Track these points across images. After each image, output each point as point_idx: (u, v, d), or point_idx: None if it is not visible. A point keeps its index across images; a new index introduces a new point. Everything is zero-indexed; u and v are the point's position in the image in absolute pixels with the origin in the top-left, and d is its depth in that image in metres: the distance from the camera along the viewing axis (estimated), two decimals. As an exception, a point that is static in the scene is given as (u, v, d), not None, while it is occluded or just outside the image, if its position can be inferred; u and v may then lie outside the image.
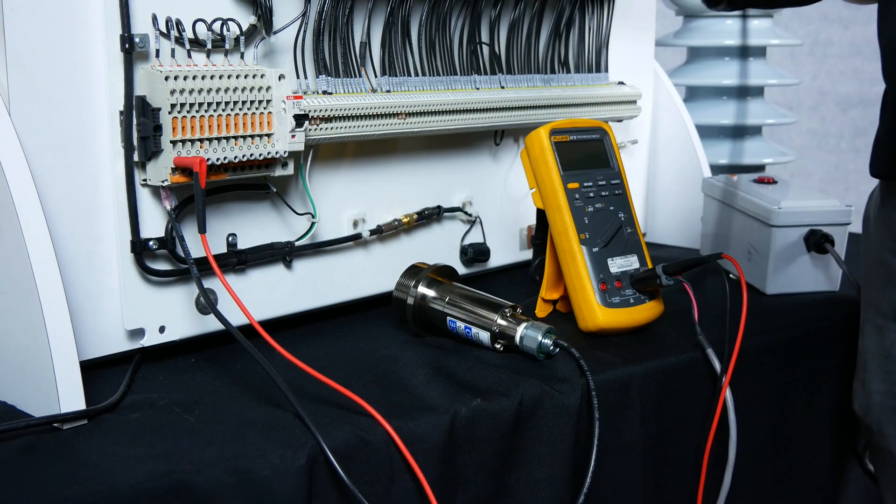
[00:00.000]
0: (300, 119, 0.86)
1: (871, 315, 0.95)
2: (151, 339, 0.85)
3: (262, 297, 0.93)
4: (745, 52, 1.51)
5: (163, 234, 0.83)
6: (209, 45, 0.83)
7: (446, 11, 1.03)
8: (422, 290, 0.93)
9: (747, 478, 0.97)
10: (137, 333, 0.84)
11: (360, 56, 0.96)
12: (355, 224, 1.01)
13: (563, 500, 0.81)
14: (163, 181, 0.79)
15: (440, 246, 1.11)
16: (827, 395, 1.06)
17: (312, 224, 0.95)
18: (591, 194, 0.98)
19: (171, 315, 0.86)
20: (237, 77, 0.82)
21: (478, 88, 1.07)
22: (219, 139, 0.81)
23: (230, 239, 0.89)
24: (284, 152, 0.86)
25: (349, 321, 1.01)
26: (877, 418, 0.95)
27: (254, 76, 0.83)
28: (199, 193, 0.77)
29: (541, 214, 1.00)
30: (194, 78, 0.79)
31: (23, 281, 0.71)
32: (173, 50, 0.81)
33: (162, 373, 0.84)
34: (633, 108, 1.27)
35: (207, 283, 0.85)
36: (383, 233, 1.03)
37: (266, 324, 0.84)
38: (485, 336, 0.88)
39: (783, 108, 1.65)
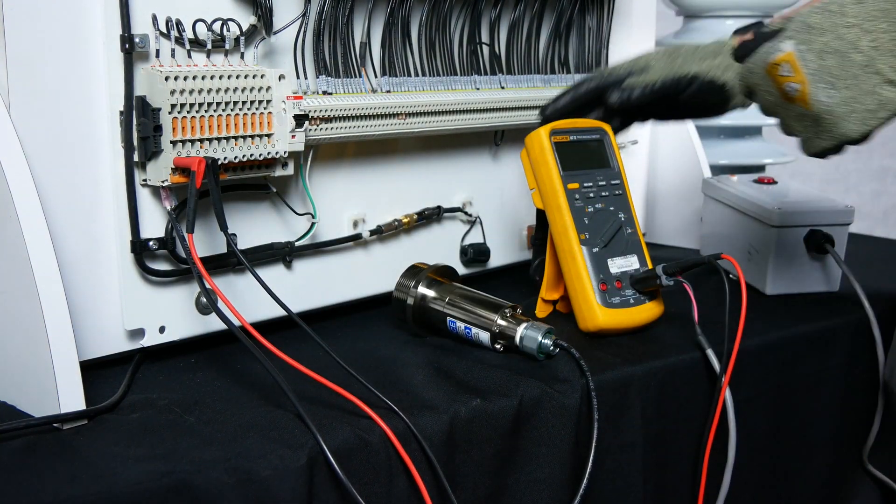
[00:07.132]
0: (300, 119, 0.86)
1: None
2: (151, 339, 0.85)
3: (262, 297, 0.92)
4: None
5: (163, 235, 0.83)
6: (209, 46, 0.83)
7: (446, 12, 1.03)
8: (422, 290, 0.93)
9: (747, 478, 0.97)
10: (137, 333, 0.84)
11: (361, 56, 0.96)
12: (355, 224, 1.01)
13: (563, 500, 0.81)
14: (163, 181, 0.79)
15: (440, 246, 1.11)
16: (827, 395, 1.06)
17: (312, 224, 0.95)
18: (591, 194, 0.98)
19: (171, 315, 0.86)
20: (237, 77, 0.82)
21: (478, 89, 1.08)
22: (219, 139, 0.81)
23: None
24: (284, 152, 0.86)
25: (349, 321, 1.01)
26: None
27: (254, 76, 0.83)
28: (192, 193, 0.76)
29: (541, 214, 1.00)
30: (194, 78, 0.79)
31: (23, 281, 0.71)
32: (173, 50, 0.81)
33: (162, 373, 0.84)
34: (634, 109, 1.27)
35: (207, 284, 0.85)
36: (383, 233, 1.03)
37: (266, 324, 0.84)
38: (485, 336, 0.88)
39: (783, 109, 1.64)
